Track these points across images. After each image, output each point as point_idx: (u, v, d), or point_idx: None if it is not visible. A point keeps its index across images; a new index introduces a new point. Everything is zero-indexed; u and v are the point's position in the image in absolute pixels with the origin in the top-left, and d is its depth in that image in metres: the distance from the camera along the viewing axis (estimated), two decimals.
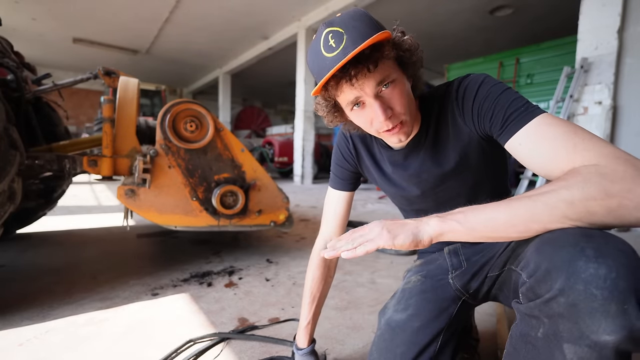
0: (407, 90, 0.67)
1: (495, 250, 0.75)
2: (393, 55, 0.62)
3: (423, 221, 0.59)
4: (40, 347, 1.08)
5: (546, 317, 0.46)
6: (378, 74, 0.61)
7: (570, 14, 4.33)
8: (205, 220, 1.81)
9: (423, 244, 0.57)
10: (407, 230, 0.58)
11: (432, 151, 0.75)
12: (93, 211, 3.55)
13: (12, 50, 1.99)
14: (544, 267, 0.46)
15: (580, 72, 3.02)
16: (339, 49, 0.59)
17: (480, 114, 0.65)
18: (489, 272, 0.75)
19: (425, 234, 0.57)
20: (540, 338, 0.47)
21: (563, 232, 0.47)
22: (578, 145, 0.51)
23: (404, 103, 0.65)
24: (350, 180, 0.91)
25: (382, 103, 0.64)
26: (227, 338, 1.14)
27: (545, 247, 0.48)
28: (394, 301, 0.83)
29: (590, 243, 0.43)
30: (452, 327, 0.76)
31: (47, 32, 7.86)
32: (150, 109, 9.70)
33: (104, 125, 1.67)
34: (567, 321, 0.43)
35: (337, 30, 0.60)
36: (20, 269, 1.80)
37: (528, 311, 0.49)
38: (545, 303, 0.45)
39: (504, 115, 0.60)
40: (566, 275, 0.43)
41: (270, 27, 7.34)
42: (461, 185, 0.77)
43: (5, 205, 1.30)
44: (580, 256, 0.42)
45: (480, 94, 0.65)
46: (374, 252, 2.22)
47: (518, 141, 0.58)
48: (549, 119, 0.56)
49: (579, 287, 0.41)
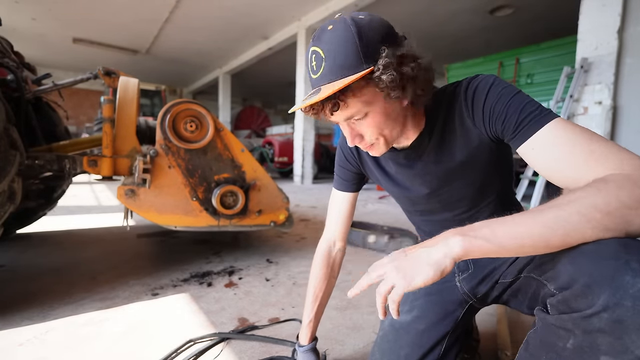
0: (388, 115, 0.64)
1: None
2: (370, 91, 0.59)
3: (440, 243, 0.51)
4: (40, 347, 1.08)
5: (580, 331, 0.44)
6: (345, 112, 0.61)
7: (570, 14, 4.33)
8: (205, 220, 1.81)
9: (449, 269, 0.50)
10: (423, 266, 0.50)
11: (437, 151, 0.73)
12: (93, 211, 3.54)
13: (12, 50, 1.99)
14: (583, 281, 0.44)
15: (580, 72, 3.02)
16: (317, 75, 0.60)
17: (492, 116, 0.63)
18: (500, 278, 0.73)
19: (449, 257, 0.49)
20: (570, 349, 0.46)
21: (599, 244, 0.45)
22: (595, 152, 0.50)
23: (375, 132, 0.64)
24: (354, 181, 0.91)
25: (352, 130, 0.65)
26: (227, 338, 1.14)
27: (581, 260, 0.46)
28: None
29: (633, 255, 0.41)
30: (457, 330, 0.75)
31: (47, 32, 7.86)
32: (150, 109, 9.70)
33: (104, 125, 1.67)
34: (608, 336, 0.41)
35: (318, 52, 0.59)
36: (20, 269, 1.80)
37: (559, 323, 0.47)
38: (584, 318, 0.43)
39: (517, 119, 0.58)
40: (611, 290, 0.41)
41: (270, 27, 7.34)
42: (467, 186, 0.75)
43: (5, 205, 1.30)
44: (627, 270, 0.41)
45: (491, 96, 0.63)
46: (375, 252, 2.23)
47: (531, 146, 0.57)
48: (562, 124, 0.55)
49: (627, 303, 0.40)
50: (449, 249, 0.50)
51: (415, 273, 0.50)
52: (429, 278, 0.49)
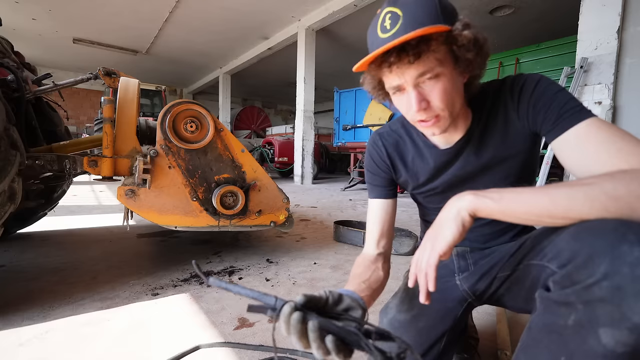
0: (454, 85, 0.65)
1: (505, 251, 0.75)
2: (444, 50, 0.61)
3: (454, 202, 0.58)
4: (40, 347, 1.08)
5: (582, 303, 0.46)
6: (420, 66, 0.60)
7: (570, 14, 4.33)
8: (205, 220, 1.81)
9: (468, 222, 0.56)
10: (445, 225, 0.57)
11: (479, 144, 0.74)
12: (93, 211, 3.55)
13: (12, 50, 1.99)
14: (585, 252, 0.46)
15: (580, 72, 3.02)
16: (390, 32, 0.59)
17: (535, 108, 0.65)
18: (498, 272, 0.74)
19: (463, 210, 0.56)
20: (570, 326, 0.47)
21: (600, 221, 0.47)
22: (623, 150, 0.52)
23: (444, 98, 0.63)
24: (388, 186, 0.86)
25: (419, 94, 0.63)
26: (232, 343, 1.14)
27: (584, 234, 0.48)
28: (396, 301, 0.82)
29: (630, 229, 0.44)
30: (456, 328, 0.76)
31: (47, 32, 7.86)
32: (150, 109, 9.69)
33: (104, 125, 1.67)
34: (607, 305, 0.43)
35: (395, 11, 0.59)
36: (21, 269, 1.80)
37: (561, 298, 0.49)
38: (585, 288, 0.45)
39: (559, 112, 0.61)
40: (610, 259, 0.43)
41: (270, 27, 7.34)
42: (499, 180, 0.76)
43: (5, 205, 1.30)
44: (624, 241, 0.43)
45: (538, 90, 0.66)
46: None
47: (565, 139, 0.59)
48: (599, 123, 0.57)
49: (625, 270, 0.42)
50: (462, 204, 0.56)
51: (442, 234, 0.56)
52: (455, 232, 0.55)
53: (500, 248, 0.79)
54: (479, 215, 0.55)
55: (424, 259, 0.58)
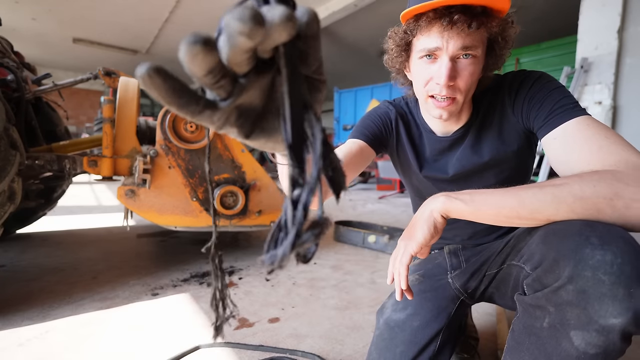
0: (479, 74, 0.65)
1: (494, 249, 0.76)
2: (494, 32, 0.61)
3: (428, 203, 0.59)
4: (40, 347, 1.08)
5: (553, 306, 0.46)
6: (471, 37, 0.59)
7: (570, 14, 4.33)
8: (205, 220, 1.81)
9: (440, 223, 0.57)
10: (418, 225, 0.58)
11: (475, 140, 0.75)
12: (93, 211, 3.55)
13: (12, 50, 1.99)
14: (551, 256, 0.46)
15: (580, 72, 3.02)
16: None
17: (530, 103, 0.65)
18: (487, 270, 0.75)
19: (435, 211, 0.57)
20: (546, 328, 0.48)
21: (567, 224, 0.47)
22: (603, 149, 0.51)
23: (469, 82, 0.63)
24: (375, 138, 0.79)
25: (453, 67, 0.62)
26: (232, 343, 1.14)
27: (551, 238, 0.48)
28: (392, 300, 0.83)
29: (594, 232, 0.44)
30: (451, 326, 0.76)
31: (47, 32, 7.86)
32: (150, 109, 9.69)
33: (104, 125, 1.67)
34: (575, 308, 0.43)
35: None
36: (21, 269, 1.80)
37: (534, 302, 0.49)
38: (553, 292, 0.46)
39: (551, 109, 0.61)
40: (574, 262, 0.43)
41: None
42: (494, 178, 0.76)
43: (5, 205, 1.30)
44: (586, 244, 0.43)
45: (535, 87, 0.66)
46: (374, 252, 2.22)
47: (554, 136, 0.59)
48: (588, 121, 0.56)
49: (587, 273, 0.42)
50: (434, 206, 0.57)
51: (414, 234, 0.58)
52: (427, 233, 0.56)
53: (490, 245, 0.80)
54: (451, 216, 0.56)
55: (398, 259, 0.61)
